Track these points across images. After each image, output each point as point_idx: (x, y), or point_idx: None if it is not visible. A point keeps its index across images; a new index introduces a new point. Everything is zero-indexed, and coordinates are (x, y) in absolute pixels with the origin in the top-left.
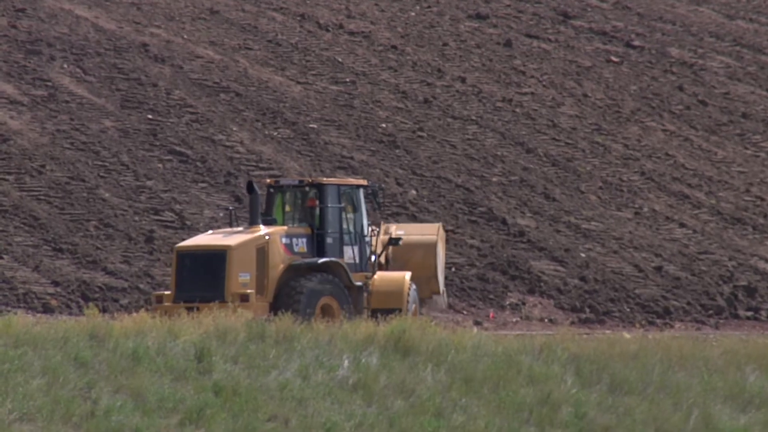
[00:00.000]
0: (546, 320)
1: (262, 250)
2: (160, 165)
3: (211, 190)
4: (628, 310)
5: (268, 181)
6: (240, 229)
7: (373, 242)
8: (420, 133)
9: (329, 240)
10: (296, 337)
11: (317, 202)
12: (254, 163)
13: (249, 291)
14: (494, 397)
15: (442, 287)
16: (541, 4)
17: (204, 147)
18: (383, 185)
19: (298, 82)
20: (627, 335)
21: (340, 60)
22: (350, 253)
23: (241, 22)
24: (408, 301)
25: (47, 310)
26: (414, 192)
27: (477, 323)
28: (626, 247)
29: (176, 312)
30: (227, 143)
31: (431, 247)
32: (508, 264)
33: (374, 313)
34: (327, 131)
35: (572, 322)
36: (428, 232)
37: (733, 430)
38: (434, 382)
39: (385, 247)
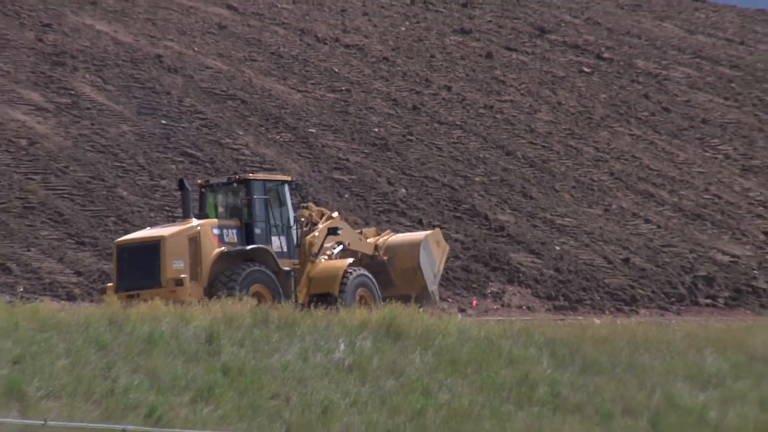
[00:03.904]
0: (524, 307)
1: (194, 240)
2: (173, 166)
3: None
4: (599, 298)
5: (199, 182)
6: (174, 223)
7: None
8: (409, 137)
9: (257, 230)
10: (297, 322)
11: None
12: (258, 165)
13: (183, 276)
14: (477, 378)
15: (433, 286)
16: (519, 20)
17: (213, 150)
18: (306, 180)
19: (299, 91)
20: (597, 321)
21: (336, 70)
22: (278, 242)
23: (246, 36)
24: (344, 287)
25: (70, 297)
26: (404, 191)
27: (461, 310)
28: (597, 240)
29: (119, 301)
30: (234, 146)
31: (416, 243)
32: (490, 256)
33: (312, 298)
34: (324, 135)
35: (548, 309)
36: (420, 233)
37: (692, 406)
38: (422, 364)
39: (325, 236)
